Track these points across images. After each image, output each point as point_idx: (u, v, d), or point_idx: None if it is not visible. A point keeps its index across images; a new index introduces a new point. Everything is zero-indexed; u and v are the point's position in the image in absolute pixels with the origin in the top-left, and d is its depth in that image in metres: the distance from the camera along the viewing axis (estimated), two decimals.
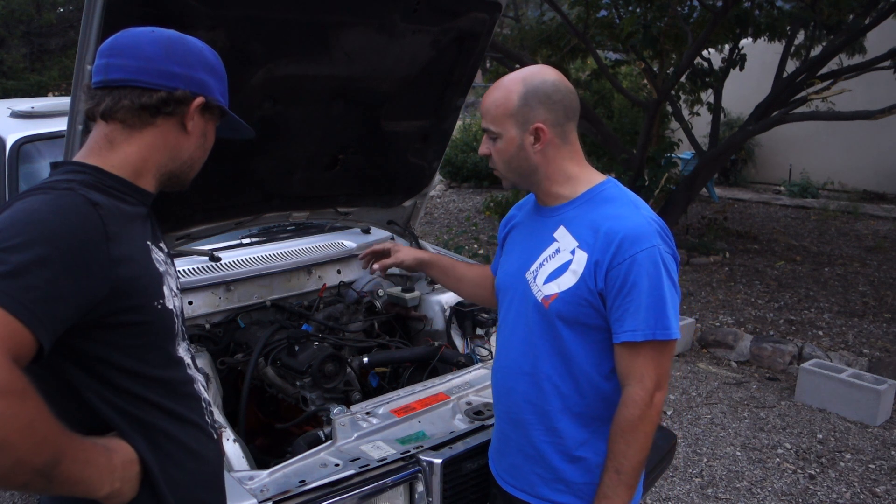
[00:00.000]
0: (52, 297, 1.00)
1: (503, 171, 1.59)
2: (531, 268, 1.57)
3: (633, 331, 1.43)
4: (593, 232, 1.48)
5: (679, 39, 6.52)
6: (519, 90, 1.50)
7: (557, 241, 1.54)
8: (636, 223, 1.46)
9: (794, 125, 7.13)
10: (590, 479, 1.55)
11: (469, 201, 10.35)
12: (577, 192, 1.56)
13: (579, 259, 1.48)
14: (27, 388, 0.96)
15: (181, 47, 1.24)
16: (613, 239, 1.44)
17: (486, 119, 1.55)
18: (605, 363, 1.52)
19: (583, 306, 1.48)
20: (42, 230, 1.03)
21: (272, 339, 2.35)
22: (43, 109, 3.06)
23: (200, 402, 1.32)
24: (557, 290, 1.50)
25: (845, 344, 5.01)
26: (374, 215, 2.97)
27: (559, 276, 1.50)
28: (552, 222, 1.57)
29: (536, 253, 1.58)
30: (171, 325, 1.24)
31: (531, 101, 1.50)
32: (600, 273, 1.45)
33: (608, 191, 1.55)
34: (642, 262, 1.42)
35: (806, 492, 3.40)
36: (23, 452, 0.94)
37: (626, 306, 1.43)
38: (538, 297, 1.53)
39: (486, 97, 1.56)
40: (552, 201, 1.59)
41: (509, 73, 1.62)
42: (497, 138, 1.54)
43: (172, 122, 1.25)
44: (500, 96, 1.53)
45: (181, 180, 1.33)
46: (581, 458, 1.56)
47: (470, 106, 14.88)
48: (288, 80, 2.14)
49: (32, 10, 12.76)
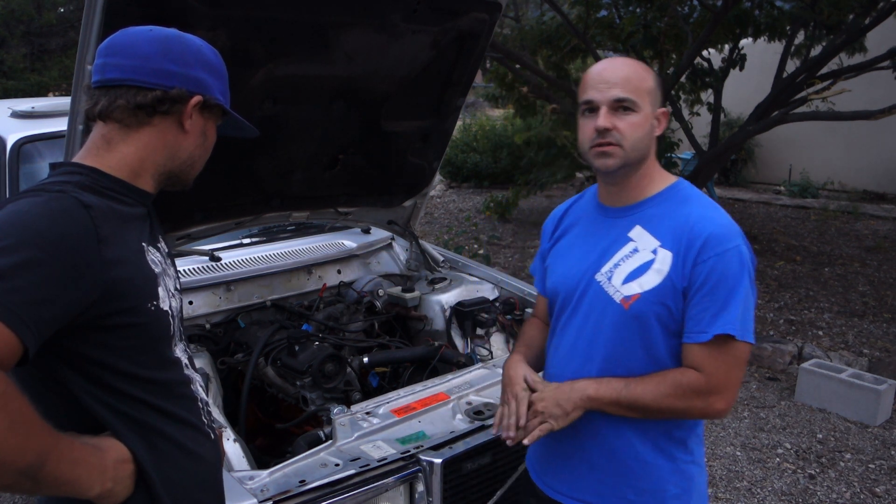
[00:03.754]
0: (39, 300, 1.00)
1: (629, 147, 1.44)
2: (602, 269, 1.50)
3: (711, 332, 1.38)
4: (677, 230, 1.44)
5: (679, 39, 6.51)
6: (651, 73, 1.47)
7: (634, 241, 1.48)
8: (721, 223, 1.43)
9: (794, 125, 7.12)
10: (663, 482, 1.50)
11: (469, 201, 10.35)
12: (657, 189, 1.52)
13: (663, 258, 1.43)
14: (9, 390, 0.96)
15: (178, 46, 1.23)
16: (700, 236, 1.40)
17: (620, 88, 1.42)
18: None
19: (666, 306, 1.43)
20: (31, 233, 1.03)
21: (272, 339, 2.35)
22: (43, 109, 3.06)
23: (197, 403, 1.32)
24: (640, 289, 1.44)
25: (845, 344, 5.01)
26: (374, 215, 2.97)
27: (640, 275, 1.44)
28: (625, 221, 1.51)
29: (609, 253, 1.51)
30: (166, 327, 1.23)
31: (660, 85, 1.47)
32: (686, 270, 1.40)
33: (686, 190, 1.52)
34: (728, 261, 1.38)
35: (806, 492, 3.40)
36: (5, 454, 0.94)
37: (706, 304, 1.39)
38: (616, 299, 1.46)
39: (614, 69, 1.45)
40: (630, 198, 1.52)
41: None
42: (632, 111, 1.43)
43: (170, 122, 1.24)
44: (637, 71, 1.45)
45: (182, 179, 1.32)
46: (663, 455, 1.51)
47: (470, 106, 14.90)
48: (288, 80, 2.14)
49: (33, 10, 12.76)
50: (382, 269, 3.13)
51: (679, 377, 1.42)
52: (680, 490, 1.52)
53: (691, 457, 1.55)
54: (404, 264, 3.19)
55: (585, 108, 1.48)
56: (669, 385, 1.41)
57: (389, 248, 3.23)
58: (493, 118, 12.76)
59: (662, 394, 1.41)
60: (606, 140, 1.44)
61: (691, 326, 1.41)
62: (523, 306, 2.81)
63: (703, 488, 1.59)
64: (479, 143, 11.37)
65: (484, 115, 13.67)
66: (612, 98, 1.43)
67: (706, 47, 6.76)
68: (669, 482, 1.51)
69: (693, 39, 6.15)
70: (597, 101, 1.44)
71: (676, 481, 1.52)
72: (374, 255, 3.16)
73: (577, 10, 7.24)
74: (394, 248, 3.23)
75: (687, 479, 1.54)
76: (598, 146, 1.45)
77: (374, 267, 3.12)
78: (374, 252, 3.16)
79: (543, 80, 7.12)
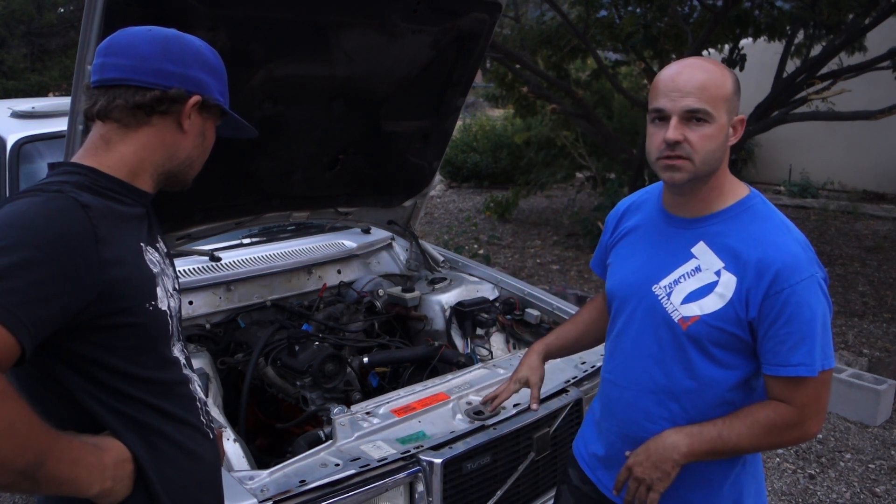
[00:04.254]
0: (36, 300, 1.00)
1: (700, 162, 1.36)
2: (661, 282, 1.46)
3: (797, 365, 1.33)
4: (742, 254, 1.37)
5: (679, 39, 6.51)
6: (730, 76, 1.36)
7: (697, 259, 1.42)
8: (792, 251, 1.35)
9: (794, 125, 7.13)
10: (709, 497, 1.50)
11: (469, 201, 10.35)
12: (725, 204, 1.43)
13: (727, 282, 1.37)
14: (7, 390, 0.96)
15: (177, 46, 1.23)
16: (770, 267, 1.33)
17: (698, 97, 1.33)
18: (739, 391, 1.44)
19: (726, 332, 1.38)
20: (29, 233, 1.03)
21: (272, 339, 2.35)
22: (43, 110, 3.06)
23: (196, 402, 1.32)
24: (699, 312, 1.39)
25: (845, 344, 5.01)
26: (374, 215, 2.97)
27: (701, 297, 1.40)
28: (689, 235, 1.45)
29: (669, 267, 1.46)
30: (164, 327, 1.23)
31: (739, 90, 1.37)
32: (754, 301, 1.34)
33: (756, 207, 1.43)
34: (803, 293, 1.32)
35: (806, 492, 3.40)
36: (4, 454, 0.94)
37: (786, 338, 1.33)
38: (674, 318, 1.43)
39: (690, 74, 1.34)
40: (696, 210, 1.45)
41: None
42: (706, 122, 1.34)
43: (169, 122, 1.23)
44: (715, 77, 1.34)
45: (181, 180, 1.32)
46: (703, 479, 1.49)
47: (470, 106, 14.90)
48: (288, 80, 2.14)
49: (33, 10, 12.77)
50: (382, 269, 3.13)
51: (772, 416, 1.38)
52: (732, 501, 1.53)
53: (747, 468, 1.54)
54: (404, 264, 3.19)
55: (655, 115, 1.39)
56: (764, 426, 1.38)
57: (389, 248, 3.23)
58: (493, 118, 12.77)
59: (758, 436, 1.39)
60: (676, 153, 1.36)
61: (770, 358, 1.36)
62: (523, 306, 2.81)
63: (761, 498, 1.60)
64: (479, 143, 11.38)
65: (484, 115, 13.67)
66: (685, 108, 1.34)
67: (706, 47, 6.76)
68: (721, 494, 1.52)
69: (693, 39, 6.15)
70: (668, 110, 1.35)
71: (729, 493, 1.52)
72: (374, 255, 3.16)
73: (577, 10, 7.25)
74: (394, 248, 3.24)
75: (739, 489, 1.53)
76: (667, 158, 1.37)
77: (374, 267, 3.12)
78: (374, 252, 3.16)
79: (543, 80, 7.12)
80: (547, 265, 7.00)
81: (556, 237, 8.00)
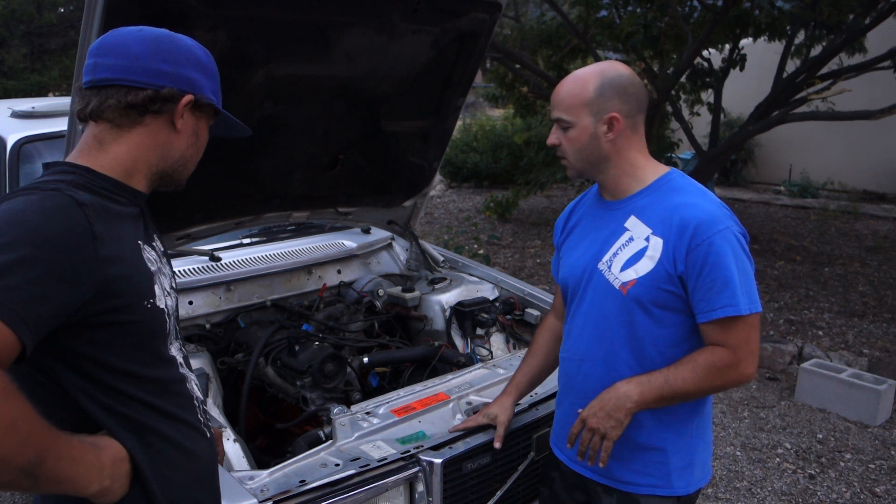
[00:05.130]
0: (36, 298, 1.00)
1: (573, 159, 1.64)
2: (604, 258, 1.63)
3: (724, 307, 1.48)
4: (666, 219, 1.55)
5: (679, 39, 6.51)
6: (595, 81, 1.58)
7: (630, 230, 1.60)
8: (708, 209, 1.53)
9: (794, 125, 7.13)
10: (665, 461, 1.62)
11: (469, 201, 10.36)
12: (646, 182, 1.63)
13: (655, 244, 1.55)
14: (9, 388, 0.96)
15: (169, 45, 1.22)
16: (689, 224, 1.51)
17: (558, 109, 1.61)
18: (680, 347, 1.57)
19: (661, 290, 1.54)
20: (27, 231, 1.03)
21: (272, 338, 2.35)
22: (43, 109, 3.06)
23: (193, 401, 1.32)
24: (635, 275, 1.56)
25: (845, 344, 5.01)
26: (375, 215, 2.97)
27: (636, 262, 1.57)
28: (621, 213, 1.64)
29: (608, 243, 1.64)
30: (162, 325, 1.23)
31: (607, 91, 1.57)
32: (679, 256, 1.51)
33: (675, 180, 1.63)
34: (720, 243, 1.49)
35: (806, 492, 3.40)
36: (6, 451, 0.94)
37: (711, 285, 1.49)
38: (615, 285, 1.59)
39: (559, 88, 1.63)
40: (620, 193, 1.66)
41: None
42: (569, 127, 1.61)
43: (161, 121, 1.23)
44: (576, 86, 1.60)
45: (174, 179, 1.32)
46: (656, 447, 1.62)
47: (470, 106, 14.90)
48: (288, 80, 2.14)
49: (33, 10, 12.76)
50: (382, 269, 3.13)
51: (710, 358, 1.52)
52: (684, 463, 1.64)
53: (698, 431, 1.66)
54: (404, 264, 3.19)
55: None
56: (704, 368, 1.52)
57: (389, 248, 3.23)
58: (493, 118, 12.77)
59: (701, 377, 1.52)
60: (558, 154, 1.67)
61: (702, 307, 1.52)
62: (523, 306, 2.81)
63: (707, 458, 1.71)
64: (479, 143, 11.38)
65: (484, 115, 13.68)
66: (554, 118, 1.63)
67: (706, 47, 6.76)
68: (673, 459, 1.63)
69: (693, 39, 6.15)
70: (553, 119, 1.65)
71: (681, 456, 1.63)
72: (374, 255, 3.16)
73: (577, 10, 7.25)
74: (394, 248, 3.23)
75: (691, 453, 1.65)
76: (559, 158, 1.69)
77: (374, 267, 3.12)
78: (374, 252, 3.16)
79: (543, 80, 7.12)
80: (547, 265, 7.00)
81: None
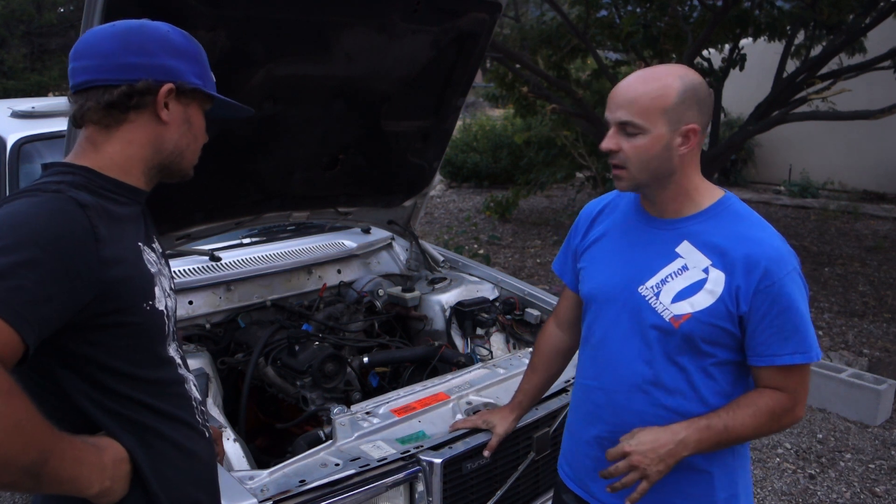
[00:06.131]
0: (40, 299, 1.00)
1: (636, 170, 1.43)
2: (647, 282, 1.48)
3: (793, 353, 1.40)
4: (728, 251, 1.41)
5: (679, 39, 6.51)
6: (678, 86, 1.39)
7: (683, 258, 1.45)
8: (776, 245, 1.42)
9: (794, 125, 7.13)
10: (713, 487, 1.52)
11: (469, 201, 10.36)
12: (702, 206, 1.48)
13: (715, 278, 1.41)
14: (13, 388, 0.96)
15: (138, 37, 1.20)
16: (757, 262, 1.38)
17: (627, 111, 1.40)
18: (730, 386, 1.47)
19: (716, 327, 1.42)
20: (29, 232, 1.03)
21: (272, 338, 2.35)
22: (43, 109, 3.06)
23: (191, 402, 1.32)
24: (691, 309, 1.42)
25: (845, 344, 5.01)
26: (375, 215, 2.97)
27: (691, 294, 1.43)
28: (671, 235, 1.48)
29: (654, 268, 1.48)
30: (161, 326, 1.23)
31: (689, 99, 1.39)
32: (744, 296, 1.39)
33: (734, 206, 1.48)
34: (790, 285, 1.39)
35: (806, 492, 3.40)
36: (10, 451, 0.94)
37: (780, 329, 1.39)
38: (665, 317, 1.45)
39: (628, 87, 1.42)
40: (671, 212, 1.49)
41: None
42: (639, 134, 1.40)
43: (146, 115, 1.21)
44: (655, 89, 1.39)
45: (175, 171, 1.30)
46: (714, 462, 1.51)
47: (470, 106, 14.90)
48: (288, 80, 2.14)
49: (33, 10, 12.77)
50: (382, 269, 3.13)
51: (771, 403, 1.44)
52: (728, 494, 1.54)
53: (740, 461, 1.56)
54: (404, 264, 3.19)
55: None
56: (765, 414, 1.43)
57: (389, 248, 3.23)
58: (493, 118, 12.77)
59: (761, 423, 1.43)
60: (614, 161, 1.46)
61: (763, 350, 1.41)
62: (523, 306, 2.81)
63: (749, 488, 1.61)
64: (479, 143, 11.38)
65: (484, 115, 13.68)
66: (617, 120, 1.43)
67: (706, 47, 6.76)
68: (719, 487, 1.52)
69: (693, 39, 6.15)
70: (608, 120, 1.45)
71: (725, 486, 1.53)
72: (374, 255, 3.16)
73: (577, 9, 7.25)
74: (394, 248, 3.23)
75: (734, 483, 1.55)
76: (614, 166, 1.48)
77: (374, 267, 3.12)
78: (374, 252, 3.16)
79: (543, 80, 7.12)
80: (547, 265, 7.00)
81: (556, 237, 8.00)
